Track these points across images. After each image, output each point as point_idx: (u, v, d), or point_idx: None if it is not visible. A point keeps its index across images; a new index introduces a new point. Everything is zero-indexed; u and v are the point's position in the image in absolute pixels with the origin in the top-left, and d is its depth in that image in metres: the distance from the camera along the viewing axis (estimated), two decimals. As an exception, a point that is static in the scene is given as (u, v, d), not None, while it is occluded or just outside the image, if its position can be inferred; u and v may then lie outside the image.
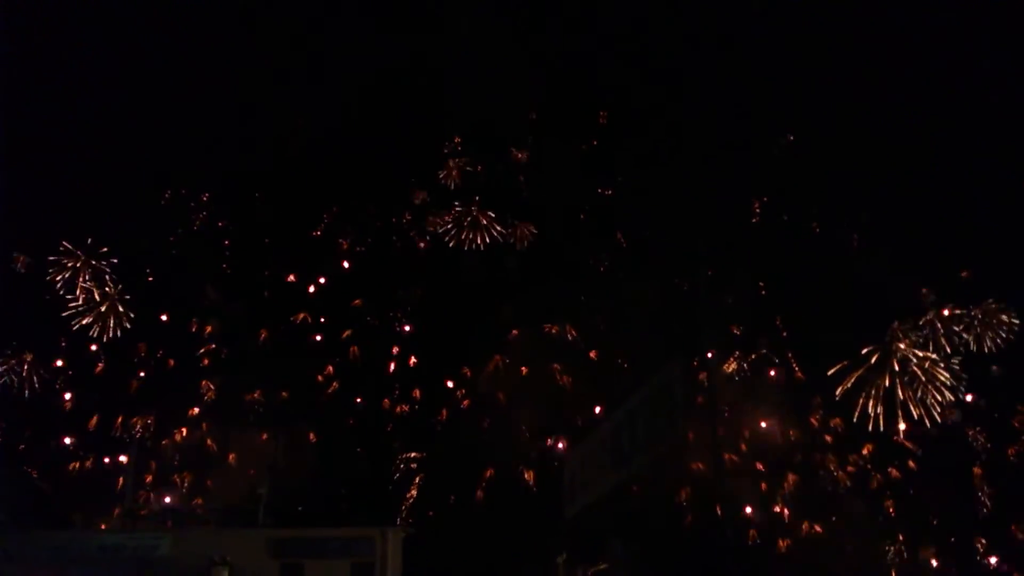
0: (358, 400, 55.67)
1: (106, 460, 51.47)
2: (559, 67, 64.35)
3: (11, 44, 52.20)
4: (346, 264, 60.99)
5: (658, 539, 44.30)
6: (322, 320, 57.67)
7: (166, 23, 61.43)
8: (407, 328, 58.76)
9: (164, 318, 56.41)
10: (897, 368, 51.18)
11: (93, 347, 55.38)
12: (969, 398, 52.98)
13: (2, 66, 50.35)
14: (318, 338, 57.43)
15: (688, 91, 63.12)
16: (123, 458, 50.66)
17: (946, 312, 53.51)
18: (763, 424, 53.42)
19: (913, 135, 58.73)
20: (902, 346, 51.21)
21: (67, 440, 53.10)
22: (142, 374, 54.92)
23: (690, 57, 63.63)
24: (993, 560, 52.04)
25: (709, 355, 49.15)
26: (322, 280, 59.78)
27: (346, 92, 61.58)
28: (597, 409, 50.89)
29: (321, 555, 29.63)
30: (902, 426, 51.48)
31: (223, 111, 60.29)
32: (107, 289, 55.03)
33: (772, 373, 56.03)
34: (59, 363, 55.33)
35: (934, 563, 51.50)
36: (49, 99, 57.99)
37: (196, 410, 52.82)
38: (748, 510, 51.33)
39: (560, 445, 51.15)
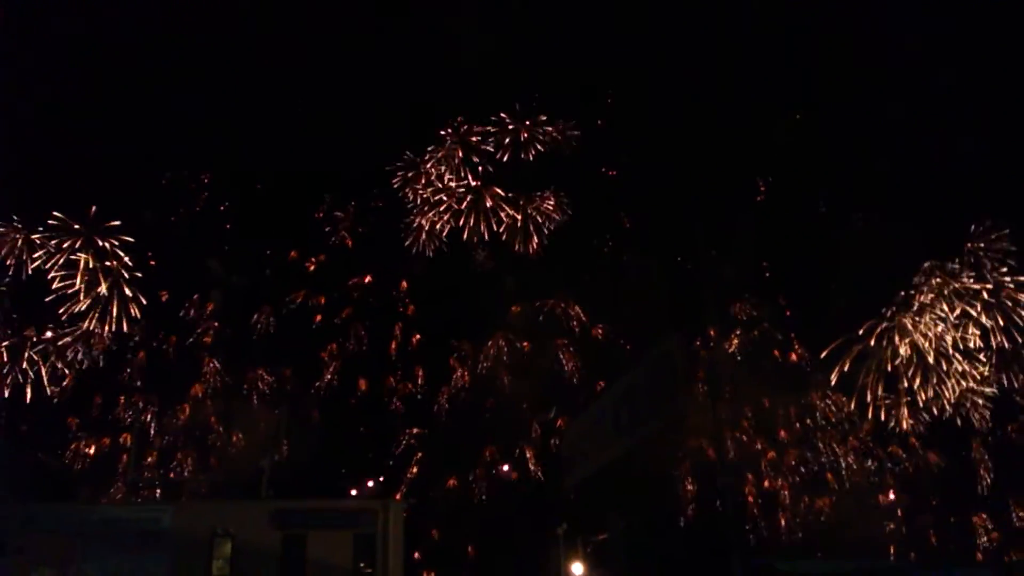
0: (360, 379, 55.65)
1: (105, 442, 51.23)
2: (562, 47, 63.63)
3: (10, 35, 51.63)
4: (348, 242, 60.40)
5: (657, 512, 44.56)
6: (322, 301, 57.26)
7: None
8: (410, 308, 58.27)
9: (164, 298, 55.86)
10: (902, 351, 49.06)
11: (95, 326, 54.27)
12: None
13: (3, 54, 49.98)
14: (319, 317, 57.21)
15: (693, 69, 62.61)
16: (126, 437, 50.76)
17: (948, 291, 51.32)
18: (764, 402, 53.44)
19: (919, 112, 58.34)
20: (907, 322, 49.47)
21: (70, 420, 52.78)
22: (142, 355, 54.40)
23: (695, 35, 63.17)
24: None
25: (711, 332, 49.11)
26: (322, 257, 59.20)
27: (343, 71, 61.00)
28: (599, 387, 50.95)
29: (323, 526, 29.94)
30: (904, 413, 50.02)
31: (224, 96, 59.93)
32: (109, 264, 49.89)
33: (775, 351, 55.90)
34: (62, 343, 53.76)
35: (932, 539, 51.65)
36: (48, 77, 57.55)
37: (198, 388, 52.79)
38: (747, 485, 51.52)
39: (559, 423, 51.30)
